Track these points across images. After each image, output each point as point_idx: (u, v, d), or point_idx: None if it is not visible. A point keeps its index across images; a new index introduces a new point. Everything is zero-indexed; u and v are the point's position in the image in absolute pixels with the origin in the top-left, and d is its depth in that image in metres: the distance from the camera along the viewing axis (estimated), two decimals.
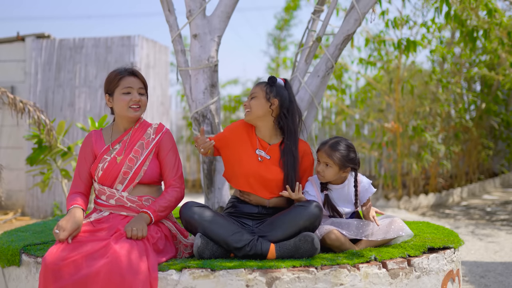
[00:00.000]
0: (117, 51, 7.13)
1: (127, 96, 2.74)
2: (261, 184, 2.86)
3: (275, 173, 2.86)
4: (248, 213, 2.88)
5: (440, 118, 8.09)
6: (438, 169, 8.22)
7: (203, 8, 3.61)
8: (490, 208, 7.43)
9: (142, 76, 2.83)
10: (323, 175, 2.87)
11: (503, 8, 7.14)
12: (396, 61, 7.58)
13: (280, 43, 10.51)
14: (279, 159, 2.88)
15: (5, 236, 3.22)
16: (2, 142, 7.31)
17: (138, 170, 2.74)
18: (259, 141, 2.92)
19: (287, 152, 2.88)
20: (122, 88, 2.74)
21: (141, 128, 2.83)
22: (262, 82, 2.92)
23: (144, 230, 2.50)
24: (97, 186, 2.78)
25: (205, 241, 2.58)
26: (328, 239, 2.71)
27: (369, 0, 3.59)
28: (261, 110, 2.87)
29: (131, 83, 2.75)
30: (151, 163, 2.77)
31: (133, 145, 2.78)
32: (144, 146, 2.78)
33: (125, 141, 2.79)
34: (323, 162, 2.86)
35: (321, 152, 2.87)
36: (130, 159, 2.74)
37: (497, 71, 7.94)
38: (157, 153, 2.81)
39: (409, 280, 2.58)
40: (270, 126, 2.92)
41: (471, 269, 4.23)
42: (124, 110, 2.75)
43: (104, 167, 2.73)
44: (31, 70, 7.23)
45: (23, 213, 7.18)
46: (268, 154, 2.90)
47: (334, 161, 2.83)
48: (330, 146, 2.86)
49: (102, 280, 2.32)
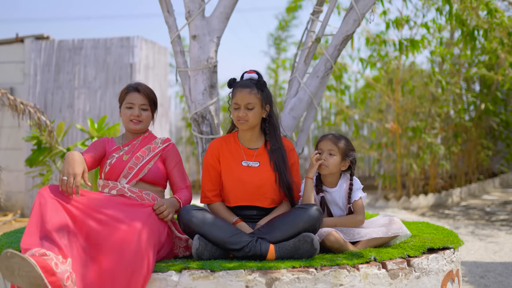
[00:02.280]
0: (116, 52, 7.12)
1: (129, 111, 2.98)
2: (256, 193, 2.85)
3: (267, 178, 2.85)
4: (248, 215, 2.88)
5: (440, 119, 8.09)
6: (437, 169, 8.22)
7: (202, 9, 3.61)
8: (490, 208, 7.43)
9: (147, 93, 3.01)
10: (326, 164, 2.87)
11: (502, 8, 7.14)
12: (396, 61, 7.59)
13: (281, 43, 10.50)
14: (269, 161, 2.87)
15: (5, 237, 3.22)
16: (1, 143, 7.31)
17: (143, 167, 2.89)
18: (243, 150, 2.90)
19: (275, 151, 2.87)
20: (126, 102, 2.99)
21: (150, 137, 3.06)
22: (252, 88, 2.81)
23: (171, 215, 2.66)
24: (101, 182, 2.91)
25: (204, 242, 2.57)
26: (328, 241, 2.71)
27: (368, 1, 3.59)
28: (258, 120, 2.86)
29: (133, 99, 2.98)
30: (156, 163, 2.93)
31: (141, 147, 2.97)
32: (151, 149, 2.97)
33: (134, 144, 2.98)
34: (327, 151, 2.88)
35: (325, 140, 2.90)
36: (137, 157, 2.91)
37: (496, 71, 7.95)
38: (163, 161, 2.98)
39: (408, 280, 2.57)
40: (258, 130, 2.92)
41: (471, 269, 4.23)
42: (126, 123, 3.00)
43: (111, 163, 2.89)
44: (30, 72, 7.23)
45: (22, 214, 7.17)
46: (256, 160, 2.88)
47: (338, 149, 2.87)
48: (334, 136, 2.93)
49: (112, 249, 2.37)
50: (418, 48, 6.26)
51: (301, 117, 3.82)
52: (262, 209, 2.88)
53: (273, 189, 2.86)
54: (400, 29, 6.85)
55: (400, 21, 6.79)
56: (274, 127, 2.90)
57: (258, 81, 2.85)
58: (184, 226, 2.67)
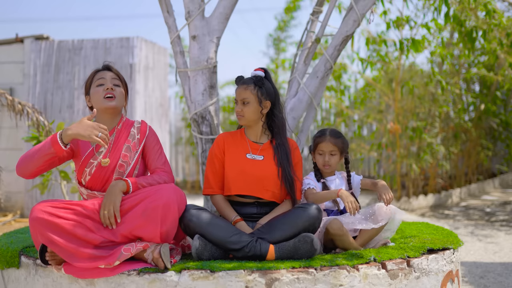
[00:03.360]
0: (116, 52, 7.12)
1: (101, 87, 2.76)
2: (257, 185, 2.85)
3: (270, 171, 2.86)
4: (248, 214, 2.88)
5: (439, 119, 8.09)
6: (437, 170, 8.22)
7: (202, 9, 3.61)
8: (490, 209, 7.43)
9: (116, 70, 2.85)
10: (330, 164, 3.02)
11: (502, 9, 7.15)
12: (396, 62, 7.59)
13: (280, 44, 10.50)
14: (273, 156, 2.89)
15: (4, 238, 3.22)
16: (1, 143, 7.31)
17: (130, 175, 2.76)
18: (249, 144, 2.92)
19: (280, 147, 2.89)
20: (95, 81, 2.78)
21: (124, 129, 2.82)
22: (249, 84, 2.86)
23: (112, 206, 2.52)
24: (85, 191, 2.76)
25: (204, 242, 2.57)
26: (331, 229, 2.73)
27: (368, 1, 3.59)
28: (255, 115, 2.87)
29: (103, 75, 2.79)
30: (140, 165, 2.80)
31: (120, 148, 2.76)
32: (131, 149, 2.77)
33: (109, 144, 2.76)
34: (328, 152, 3.00)
35: (326, 142, 3.00)
36: (120, 165, 2.74)
37: (496, 71, 7.95)
38: (143, 151, 2.81)
39: (408, 280, 2.57)
40: (260, 126, 2.94)
41: (471, 269, 4.23)
42: (100, 102, 2.74)
43: (91, 172, 2.72)
44: (30, 72, 7.23)
45: (22, 215, 7.17)
46: (261, 154, 2.90)
47: (338, 148, 3.01)
48: (332, 136, 3.02)
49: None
50: (420, 48, 6.27)
51: (301, 117, 3.82)
52: (262, 205, 2.87)
53: (275, 183, 2.86)
54: (400, 29, 6.84)
55: (400, 21, 6.79)
56: (278, 124, 2.92)
57: (256, 77, 2.87)
58: (183, 226, 2.67)
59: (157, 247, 2.47)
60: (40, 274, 2.67)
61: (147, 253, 2.48)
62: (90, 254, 2.44)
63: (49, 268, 2.61)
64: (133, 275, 2.44)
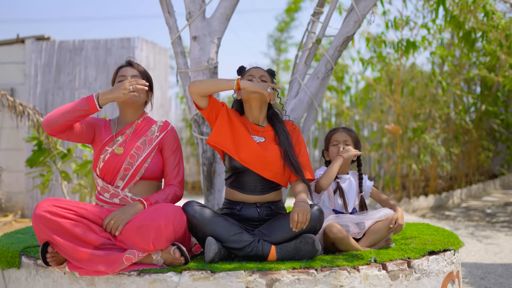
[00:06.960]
0: (117, 53, 7.13)
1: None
2: (261, 163, 2.81)
3: (273, 151, 2.84)
4: (250, 218, 2.85)
5: (440, 120, 8.09)
6: (438, 170, 8.22)
7: (203, 10, 3.62)
8: (490, 210, 7.43)
9: (138, 65, 2.94)
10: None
11: (503, 10, 7.14)
12: (397, 62, 7.59)
13: (281, 45, 10.52)
14: (274, 137, 2.89)
15: (5, 238, 3.22)
16: (2, 144, 7.31)
17: (139, 168, 2.77)
18: (250, 126, 2.91)
19: (280, 130, 2.90)
20: (118, 77, 2.89)
21: (145, 124, 2.89)
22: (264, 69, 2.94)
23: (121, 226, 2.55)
24: (100, 183, 2.81)
25: (219, 247, 2.56)
26: (331, 233, 2.73)
27: (369, 2, 3.60)
28: (270, 95, 2.83)
29: (125, 71, 2.88)
30: (153, 159, 2.81)
31: (136, 140, 2.82)
32: (147, 142, 2.82)
33: (127, 134, 2.83)
34: (342, 141, 3.08)
35: (339, 133, 3.11)
36: (132, 155, 2.77)
37: (496, 72, 7.95)
38: (161, 150, 2.87)
39: (409, 281, 2.57)
40: (265, 110, 2.93)
41: (471, 270, 4.22)
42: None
43: (105, 159, 2.77)
44: (31, 72, 7.23)
45: (23, 215, 7.18)
46: (262, 136, 2.89)
47: (352, 138, 3.10)
48: (345, 128, 3.15)
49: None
50: (415, 48, 6.27)
51: (302, 118, 3.82)
52: (264, 209, 2.84)
53: (277, 164, 2.82)
54: (400, 29, 6.85)
55: (399, 22, 6.80)
56: (277, 116, 2.96)
57: (269, 69, 2.97)
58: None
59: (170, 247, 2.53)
60: (41, 275, 2.67)
61: (155, 259, 2.52)
62: (89, 255, 2.45)
63: (49, 268, 2.61)
64: (134, 275, 2.44)
